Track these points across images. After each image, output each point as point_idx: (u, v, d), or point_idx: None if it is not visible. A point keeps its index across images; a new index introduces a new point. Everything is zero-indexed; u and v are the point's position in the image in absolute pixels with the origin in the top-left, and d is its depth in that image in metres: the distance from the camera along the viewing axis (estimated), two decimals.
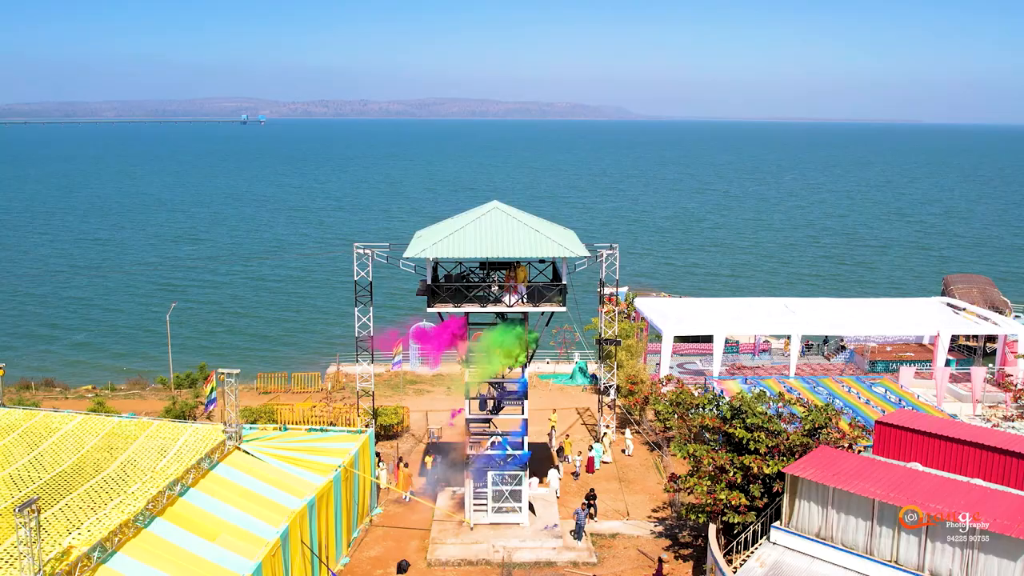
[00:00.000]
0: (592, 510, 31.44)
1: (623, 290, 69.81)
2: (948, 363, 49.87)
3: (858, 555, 22.85)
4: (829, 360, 56.40)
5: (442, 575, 27.50)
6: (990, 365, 51.28)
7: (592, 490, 32.68)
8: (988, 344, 57.62)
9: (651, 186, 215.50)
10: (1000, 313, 71.69)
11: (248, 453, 27.54)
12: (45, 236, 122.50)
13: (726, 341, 54.89)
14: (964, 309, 54.98)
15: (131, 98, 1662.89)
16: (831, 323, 52.02)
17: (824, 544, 23.47)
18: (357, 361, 38.55)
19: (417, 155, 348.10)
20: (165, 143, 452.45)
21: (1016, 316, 76.28)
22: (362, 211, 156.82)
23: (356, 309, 37.18)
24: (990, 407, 41.80)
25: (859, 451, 26.86)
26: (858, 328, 52.28)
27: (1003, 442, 24.75)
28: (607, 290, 38.04)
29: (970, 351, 57.80)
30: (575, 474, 35.88)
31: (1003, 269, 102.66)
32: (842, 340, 57.86)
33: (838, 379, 41.99)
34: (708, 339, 50.55)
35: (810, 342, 59.03)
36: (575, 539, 29.49)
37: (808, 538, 23.79)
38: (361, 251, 36.50)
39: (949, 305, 56.29)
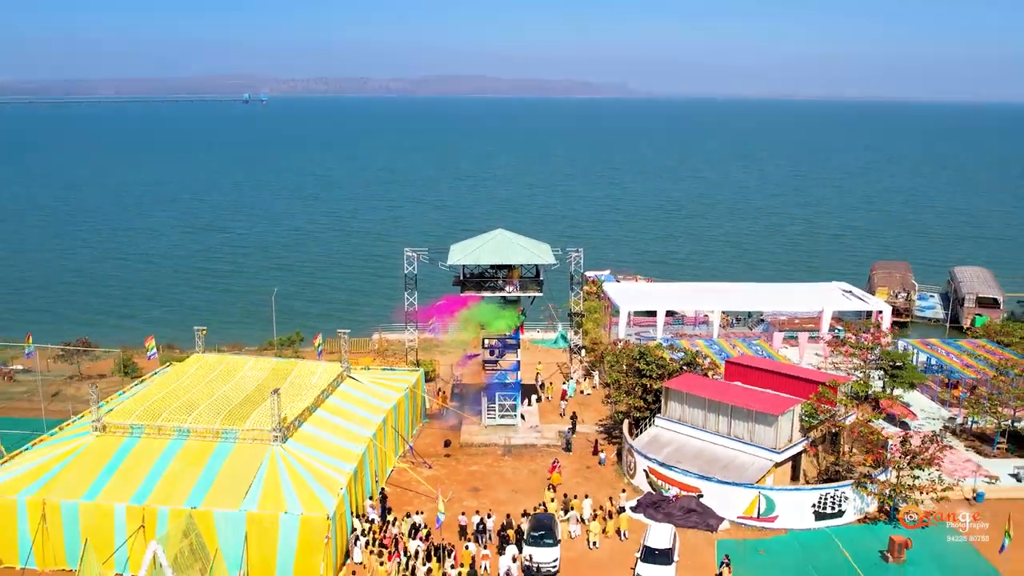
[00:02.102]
0: (574, 426, 49.90)
1: (606, 273, 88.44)
2: (835, 331, 68.32)
3: (699, 429, 41.57)
4: (751, 329, 74.80)
5: (469, 451, 46.34)
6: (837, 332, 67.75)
7: (575, 412, 51.25)
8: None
9: (643, 174, 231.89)
10: (908, 294, 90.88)
11: (354, 379, 46.41)
12: (84, 227, 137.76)
13: (674, 314, 73.56)
14: (851, 291, 73.29)
15: (130, 75, 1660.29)
16: (746, 302, 70.63)
17: (682, 424, 42.22)
18: (406, 328, 57.45)
19: (419, 141, 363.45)
20: (180, 130, 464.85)
21: (929, 295, 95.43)
22: (368, 200, 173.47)
23: (405, 292, 55.89)
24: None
25: (715, 377, 45.40)
26: (765, 306, 70.84)
27: (791, 371, 43.45)
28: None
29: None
30: (562, 413, 53.68)
31: (936, 254, 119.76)
32: (761, 314, 76.26)
33: (730, 340, 60.58)
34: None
35: (739, 316, 77.44)
36: (565, 450, 47.32)
37: (674, 421, 42.57)
38: (410, 253, 55.12)
39: (842, 289, 74.51)
